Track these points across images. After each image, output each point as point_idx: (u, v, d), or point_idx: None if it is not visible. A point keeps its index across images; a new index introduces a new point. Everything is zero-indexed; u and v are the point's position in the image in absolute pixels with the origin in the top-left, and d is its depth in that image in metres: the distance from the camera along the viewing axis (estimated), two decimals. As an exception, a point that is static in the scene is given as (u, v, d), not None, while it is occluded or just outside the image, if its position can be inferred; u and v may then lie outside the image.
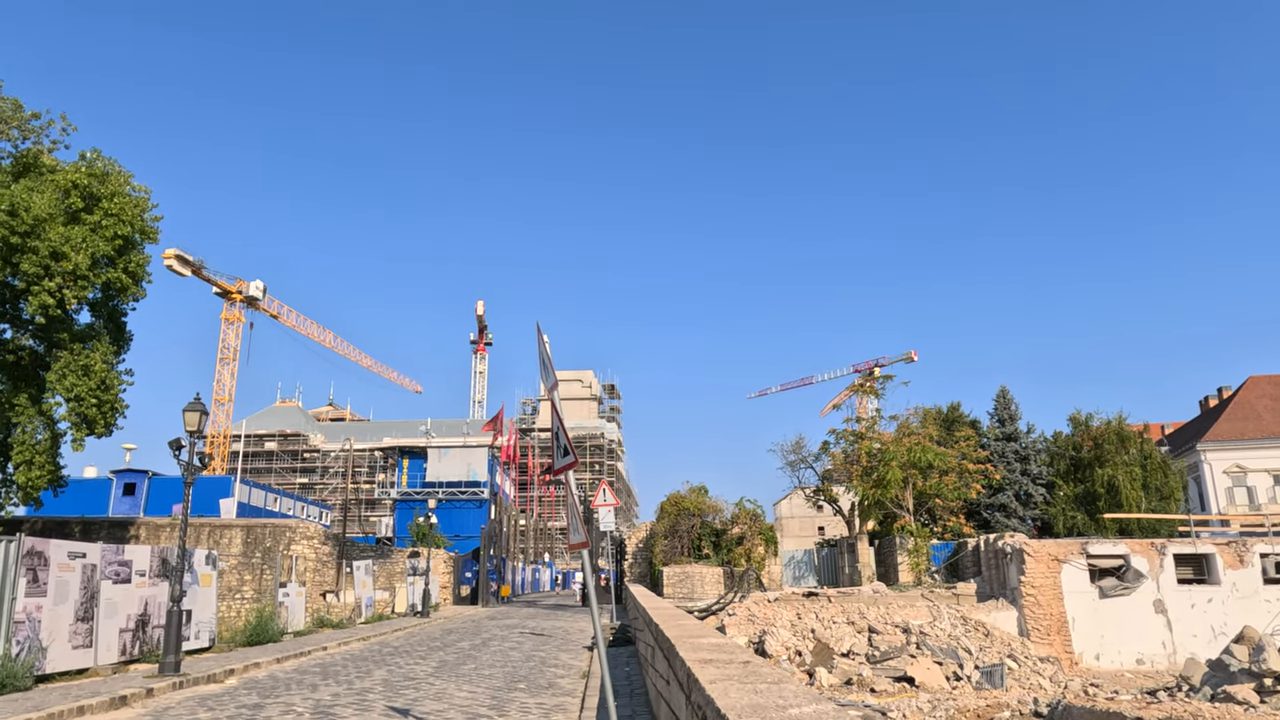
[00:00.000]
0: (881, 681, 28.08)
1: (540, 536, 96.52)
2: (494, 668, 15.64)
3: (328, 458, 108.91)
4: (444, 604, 41.44)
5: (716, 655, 5.94)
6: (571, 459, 6.69)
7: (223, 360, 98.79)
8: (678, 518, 39.48)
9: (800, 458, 54.35)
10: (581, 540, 6.66)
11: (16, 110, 29.00)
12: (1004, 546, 38.27)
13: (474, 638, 22.75)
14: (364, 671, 15.28)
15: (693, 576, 36.69)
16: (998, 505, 57.89)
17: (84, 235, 26.17)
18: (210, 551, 18.82)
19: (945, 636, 34.74)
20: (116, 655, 14.85)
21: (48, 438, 27.39)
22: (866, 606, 38.02)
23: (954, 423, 59.16)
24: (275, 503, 63.68)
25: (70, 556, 13.76)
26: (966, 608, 37.96)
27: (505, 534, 58.30)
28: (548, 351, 7.01)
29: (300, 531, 33.90)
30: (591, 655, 17.67)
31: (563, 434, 6.78)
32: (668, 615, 11.43)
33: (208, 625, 18.18)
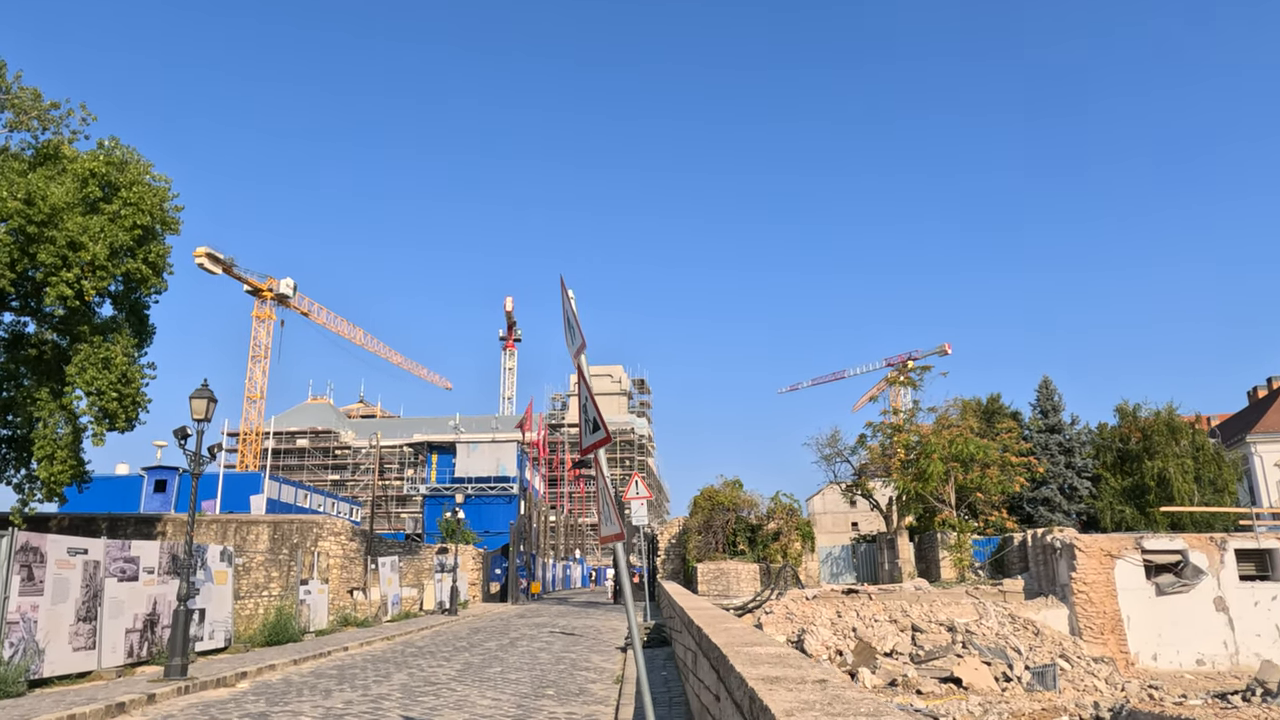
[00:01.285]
0: (927, 683, 26.72)
1: (571, 533, 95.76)
2: (521, 671, 14.63)
3: (359, 454, 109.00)
4: (473, 601, 40.64)
5: (782, 671, 4.81)
6: (603, 434, 5.61)
7: (254, 358, 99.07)
8: (712, 512, 38.32)
9: (836, 451, 52.89)
10: (615, 532, 5.58)
11: (36, 100, 28.48)
12: (1053, 541, 36.69)
13: (501, 637, 21.80)
14: (383, 675, 14.34)
15: (728, 573, 35.53)
16: (1041, 499, 56.05)
17: (102, 225, 25.52)
18: (225, 547, 18.01)
19: (993, 635, 33.33)
20: (123, 657, 14.03)
21: (69, 432, 26.87)
22: (909, 604, 36.64)
23: (994, 414, 57.41)
24: (306, 499, 63.40)
25: (70, 553, 12.94)
26: (1014, 605, 36.44)
27: (535, 530, 57.49)
28: (574, 309, 5.93)
29: (327, 527, 33.20)
30: (625, 657, 16.62)
31: (591, 405, 5.70)
32: (710, 617, 10.33)
33: (223, 625, 17.36)
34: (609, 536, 5.74)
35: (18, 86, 28.48)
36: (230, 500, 53.44)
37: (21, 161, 26.32)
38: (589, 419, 5.78)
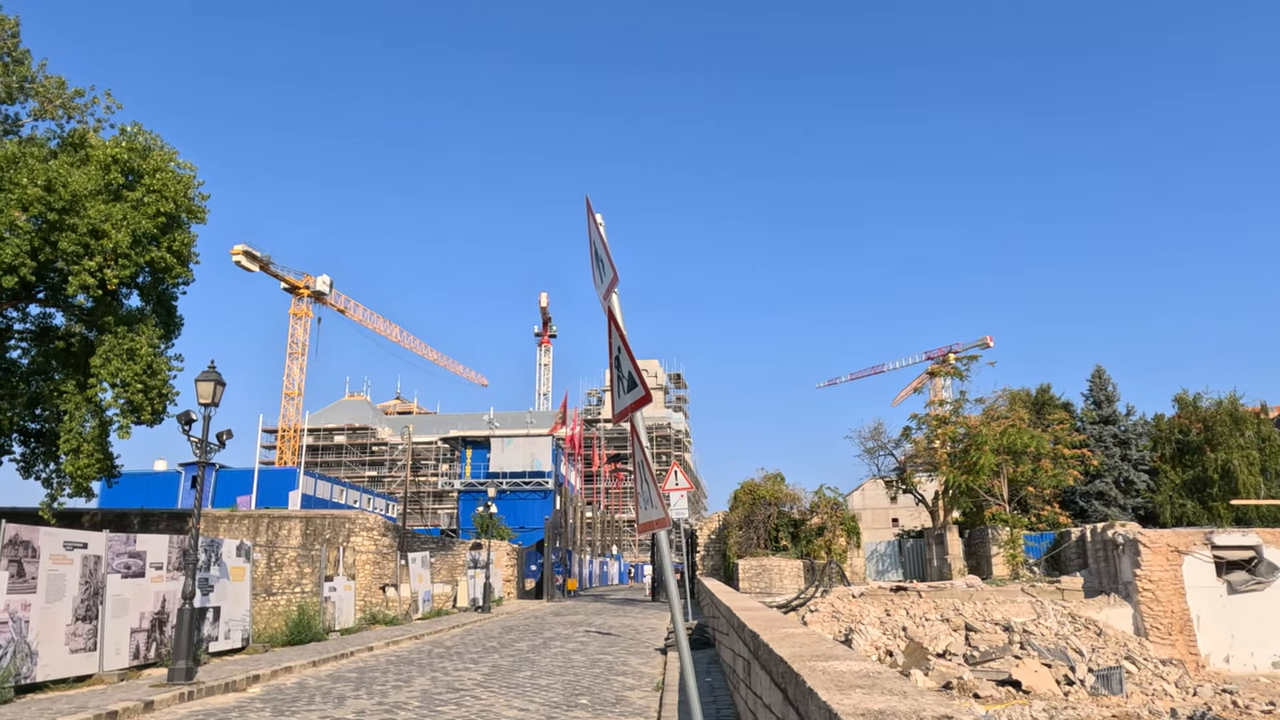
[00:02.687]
0: (985, 686, 25.11)
1: (608, 529, 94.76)
2: (553, 676, 13.47)
3: (395, 451, 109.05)
4: (508, 598, 39.69)
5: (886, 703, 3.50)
6: (641, 392, 4.38)
7: (292, 355, 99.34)
8: (753, 507, 36.93)
9: (880, 444, 51.25)
10: (657, 518, 4.36)
11: (60, 88, 27.95)
12: (1115, 537, 34.80)
13: (534, 637, 20.69)
14: (404, 679, 13.26)
15: (770, 570, 34.15)
16: (1095, 493, 53.84)
17: (125, 212, 24.81)
18: (243, 542, 17.08)
19: (1052, 635, 31.60)
20: (127, 659, 13.11)
21: (95, 426, 26.28)
22: (961, 602, 34.97)
23: (1044, 406, 55.25)
24: (342, 495, 63.10)
25: (67, 547, 12.01)
26: (1074, 604, 34.61)
27: (571, 525, 56.48)
28: (602, 236, 4.71)
29: (359, 523, 32.46)
30: (665, 660, 15.40)
31: (627, 357, 4.48)
32: (764, 619, 9.07)
33: (240, 623, 16.43)
34: (650, 524, 4.52)
35: (43, 75, 27.97)
36: (267, 496, 53.22)
37: (43, 148, 25.74)
38: (623, 375, 4.56)
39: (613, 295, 4.77)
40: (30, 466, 29.48)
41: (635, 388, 4.48)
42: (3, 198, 22.91)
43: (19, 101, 27.98)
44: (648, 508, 4.52)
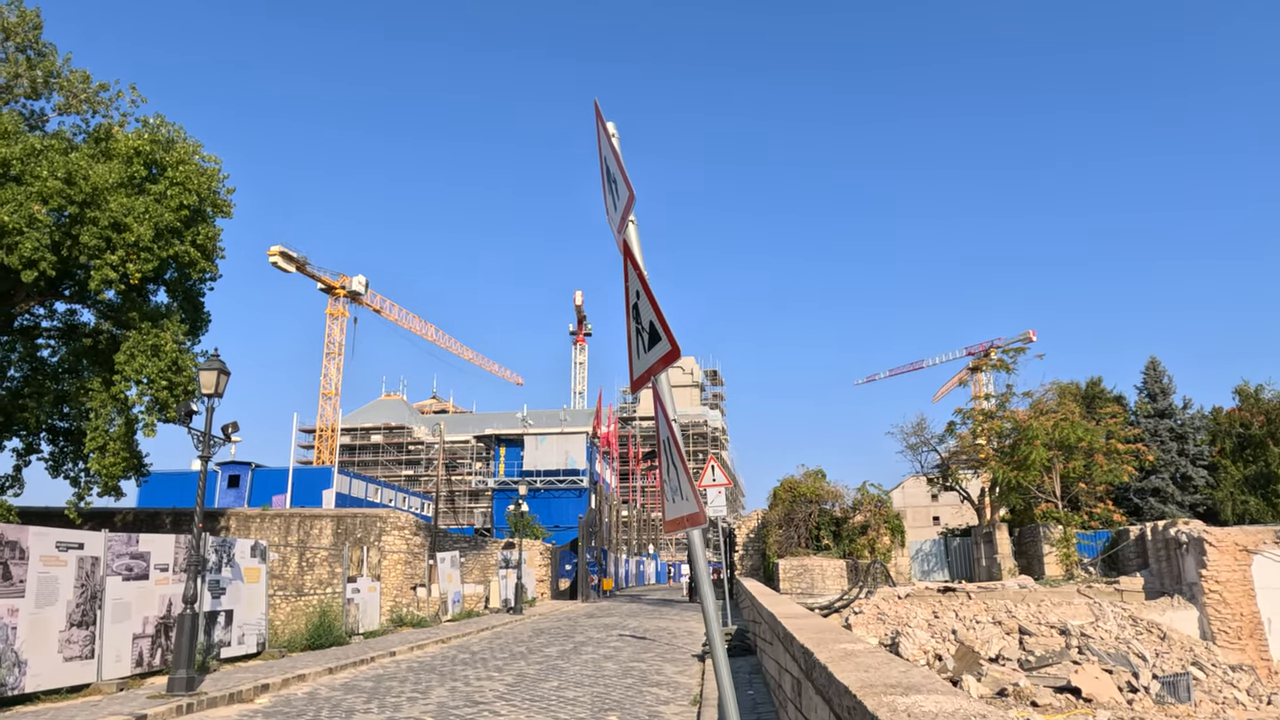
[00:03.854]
0: (1042, 693, 23.58)
1: (644, 527, 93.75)
2: (581, 687, 12.44)
3: (431, 450, 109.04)
4: (542, 598, 38.82)
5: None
6: (667, 348, 3.32)
7: (328, 355, 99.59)
8: (793, 505, 35.63)
9: (923, 440, 49.66)
10: (689, 513, 3.28)
11: (85, 82, 27.56)
12: (1178, 535, 33.00)
13: (565, 641, 19.69)
14: (422, 689, 12.32)
15: (811, 570, 32.86)
16: (1150, 489, 51.70)
17: (147, 205, 24.26)
18: (258, 541, 16.29)
19: (1112, 639, 29.97)
20: (130, 667, 12.31)
21: (122, 423, 25.82)
22: (1013, 604, 33.40)
23: (1095, 399, 53.24)
24: (376, 494, 62.79)
25: (61, 548, 11.22)
26: (1134, 606, 32.88)
27: (606, 524, 55.50)
28: (615, 148, 3.66)
29: (391, 521, 31.79)
30: (703, 668, 14.31)
31: (647, 301, 3.42)
32: (815, 629, 7.94)
33: (255, 627, 15.63)
34: (679, 520, 3.45)
35: (68, 70, 27.59)
36: (301, 495, 53.00)
37: (63, 141, 25.31)
38: (643, 325, 3.50)
39: (629, 224, 3.70)
40: (59, 465, 29.20)
41: (659, 341, 3.41)
42: (22, 190, 22.43)
43: (44, 96, 27.63)
44: (676, 500, 3.45)
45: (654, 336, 3.45)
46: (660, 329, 3.39)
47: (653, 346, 3.48)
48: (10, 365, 28.61)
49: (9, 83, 26.86)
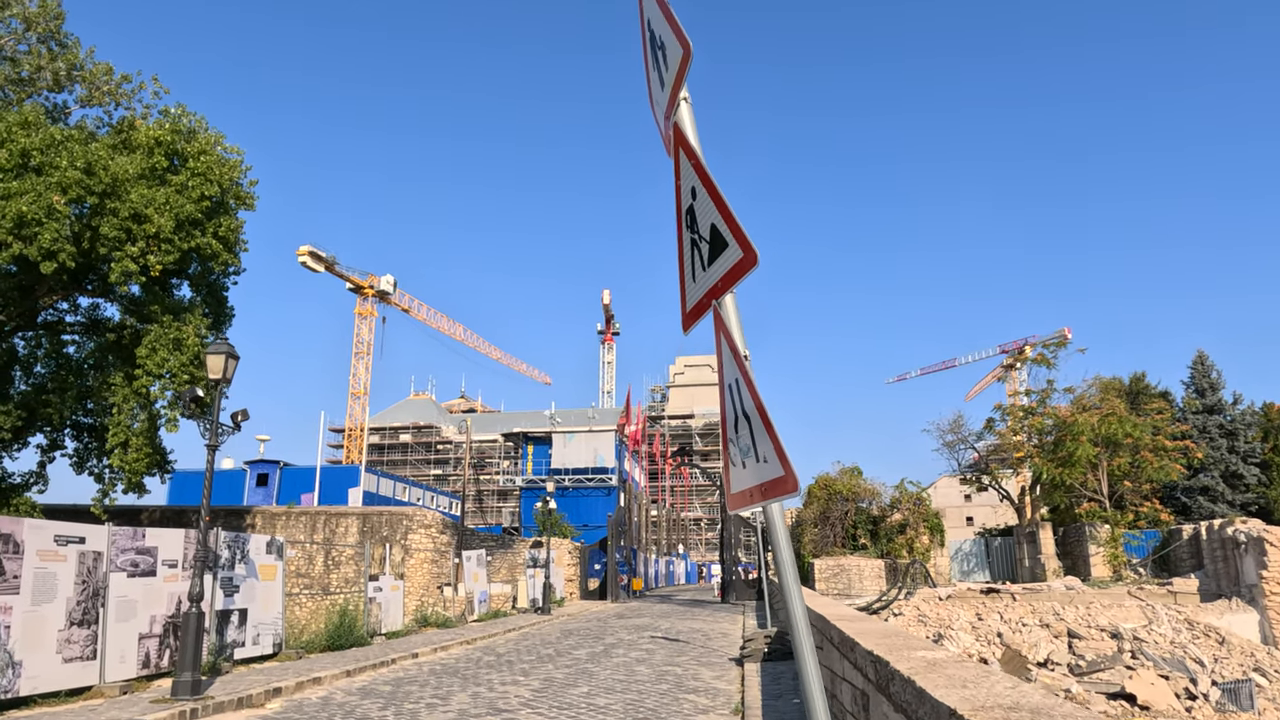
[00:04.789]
0: (1095, 699, 22.35)
1: (674, 527, 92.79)
2: (612, 694, 11.56)
3: (459, 449, 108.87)
4: (570, 598, 38.03)
5: None
6: (738, 254, 2.47)
7: (357, 354, 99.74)
8: (829, 503, 34.57)
9: (960, 437, 48.39)
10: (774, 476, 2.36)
11: (108, 75, 27.19)
12: (1235, 535, 31.53)
13: (595, 643, 18.84)
14: (442, 694, 11.52)
15: (848, 570, 31.79)
16: (1199, 488, 49.91)
17: (168, 196, 23.77)
18: (274, 537, 15.61)
19: (1167, 644, 28.64)
20: (135, 668, 11.63)
21: (145, 419, 25.39)
22: (1061, 606, 32.11)
23: (1139, 395, 51.51)
24: (404, 492, 62.44)
25: (60, 542, 10.55)
26: (1190, 609, 31.44)
27: (636, 523, 54.62)
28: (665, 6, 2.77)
29: (417, 520, 31.19)
30: (741, 673, 13.39)
31: (708, 199, 2.54)
32: (879, 635, 6.95)
33: (271, 627, 14.93)
34: (752, 491, 2.55)
35: (91, 62, 27.24)
36: (329, 494, 52.74)
37: (84, 132, 24.92)
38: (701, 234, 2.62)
39: (681, 102, 2.82)
40: (83, 462, 28.88)
41: (724, 249, 2.53)
42: (41, 181, 22.01)
43: (66, 89, 27.29)
44: (747, 463, 2.54)
45: (717, 243, 2.58)
46: (727, 231, 2.52)
47: (716, 257, 2.60)
48: (36, 362, 28.36)
49: (32, 75, 26.54)
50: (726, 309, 2.65)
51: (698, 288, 2.78)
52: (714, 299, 2.67)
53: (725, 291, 2.61)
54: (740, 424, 2.58)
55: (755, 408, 2.45)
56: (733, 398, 2.63)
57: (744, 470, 2.61)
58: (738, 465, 2.66)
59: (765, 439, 2.41)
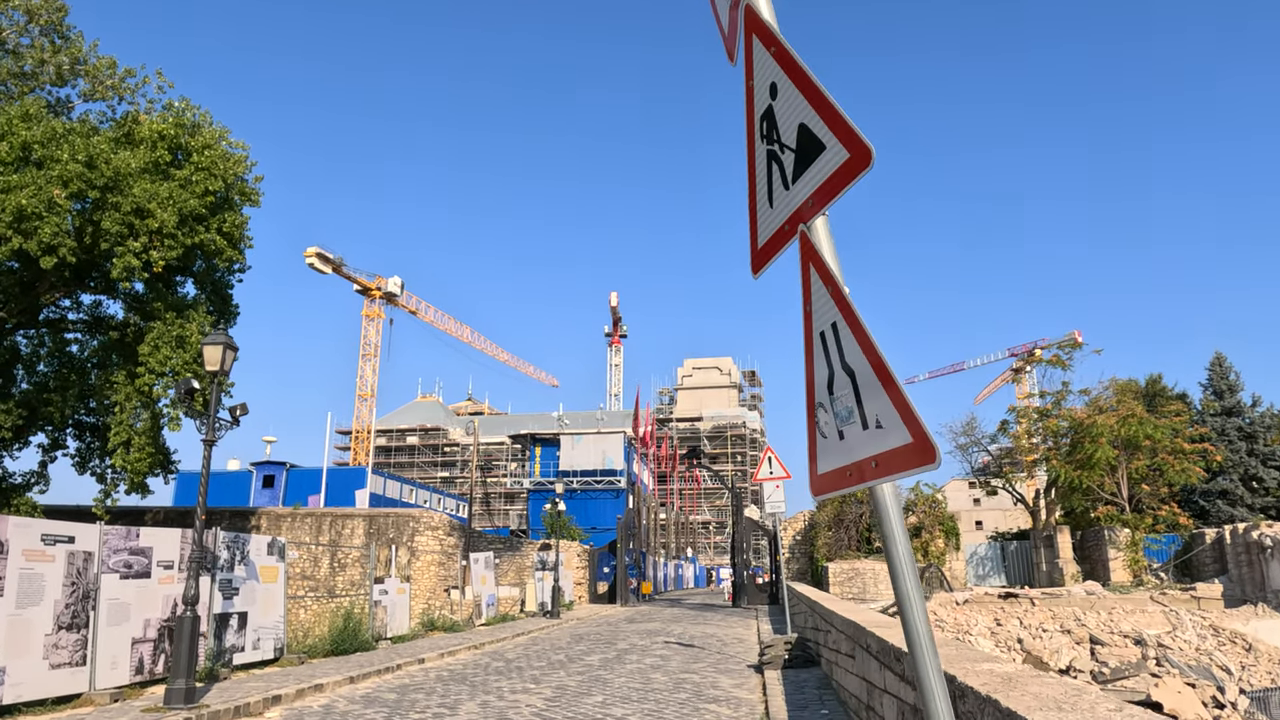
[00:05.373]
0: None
1: (682, 530, 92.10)
2: (629, 703, 10.98)
3: (466, 451, 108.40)
4: (579, 602, 37.43)
5: None
6: (843, 154, 1.88)
7: (364, 356, 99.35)
8: (843, 505, 33.89)
9: (973, 439, 47.72)
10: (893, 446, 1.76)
11: (111, 69, 26.79)
12: (1261, 539, 30.80)
13: (607, 649, 18.25)
14: (450, 704, 10.94)
15: (863, 573, 31.10)
16: (1218, 491, 49.06)
17: (171, 191, 23.31)
18: (275, 538, 15.06)
19: (1191, 650, 27.93)
20: (128, 675, 11.08)
21: (148, 418, 24.92)
22: (1082, 611, 31.39)
23: (1156, 397, 50.70)
24: (411, 494, 61.95)
25: (47, 541, 10.01)
26: (1214, 615, 30.67)
27: (644, 526, 54.04)
28: None
29: (424, 521, 30.69)
30: (762, 681, 12.78)
31: (794, 95, 1.97)
32: (940, 648, 6.42)
33: (272, 631, 14.38)
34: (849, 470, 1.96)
35: (94, 56, 26.84)
36: (336, 495, 52.28)
37: (86, 125, 24.49)
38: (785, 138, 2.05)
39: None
40: (85, 462, 28.46)
41: (820, 152, 1.96)
42: (42, 175, 21.56)
43: (69, 83, 26.87)
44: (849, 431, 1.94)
45: (808, 148, 2.01)
46: (825, 128, 1.95)
47: (807, 166, 2.03)
48: (39, 360, 27.94)
49: (34, 69, 26.12)
50: (818, 234, 2.07)
51: (776, 213, 2.21)
52: (801, 222, 2.09)
53: (818, 211, 2.04)
54: (838, 382, 2.00)
55: (865, 358, 1.87)
56: (825, 350, 2.05)
57: (840, 443, 2.03)
58: (830, 437, 2.08)
59: (880, 398, 1.83)
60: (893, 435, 1.79)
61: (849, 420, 1.97)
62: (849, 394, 1.95)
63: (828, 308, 2.02)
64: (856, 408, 1.93)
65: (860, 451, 1.93)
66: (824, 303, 2.04)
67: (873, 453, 1.87)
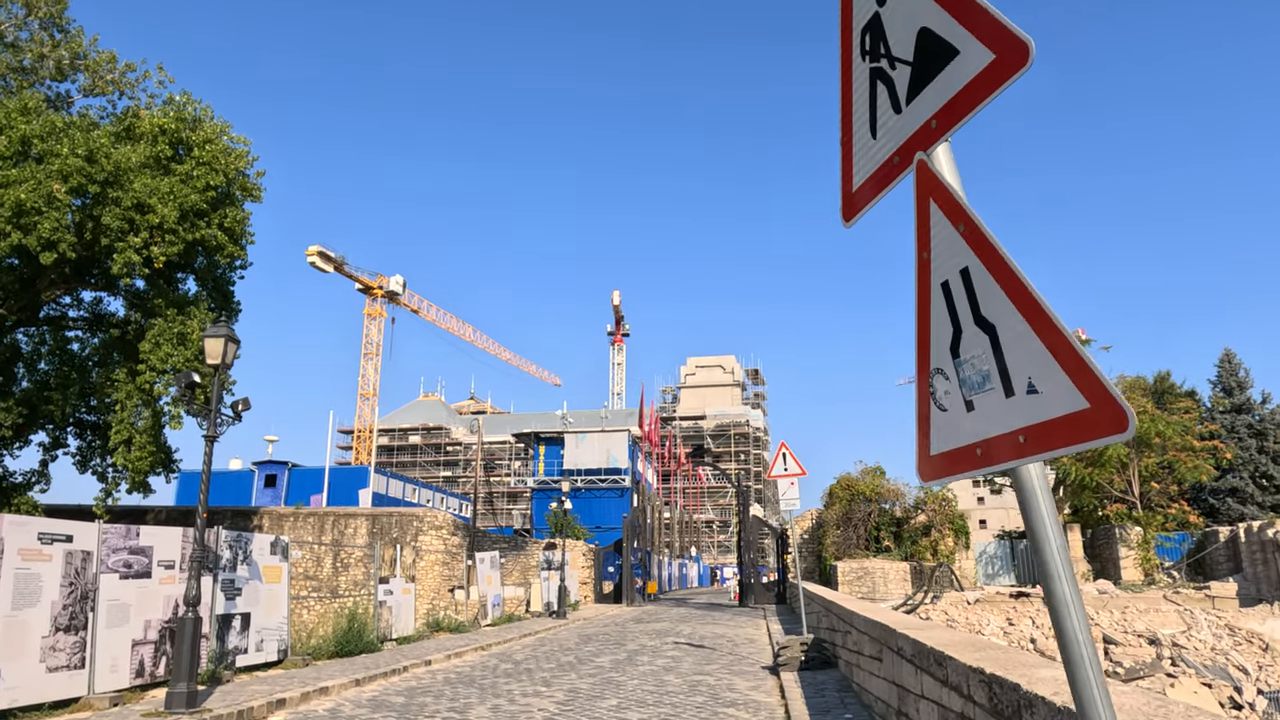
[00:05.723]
0: (1137, 709, 21.14)
1: (686, 529, 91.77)
2: (645, 707, 10.63)
3: (469, 450, 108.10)
4: (584, 602, 37.10)
5: None
6: (987, 55, 1.53)
7: (366, 355, 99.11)
8: (851, 504, 33.52)
9: (981, 437, 47.35)
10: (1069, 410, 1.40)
11: (112, 63, 26.49)
12: (1277, 537, 30.42)
13: (616, 649, 17.91)
14: (460, 707, 10.60)
15: (873, 573, 30.74)
16: (1227, 489, 48.65)
17: (172, 186, 23.01)
18: (279, 537, 14.72)
19: (1207, 650, 27.51)
20: (128, 678, 10.75)
21: (149, 416, 24.63)
22: (1095, 610, 31.01)
23: (1165, 394, 50.28)
24: (414, 494, 61.64)
25: (44, 540, 9.68)
26: (1230, 614, 30.28)
27: (650, 525, 53.70)
28: None
29: (428, 521, 30.37)
30: (780, 684, 12.44)
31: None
32: (973, 648, 5.96)
33: (275, 633, 14.04)
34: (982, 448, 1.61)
35: (94, 51, 26.53)
36: (338, 495, 51.98)
37: (85, 119, 24.18)
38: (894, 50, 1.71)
39: None
40: (86, 460, 28.18)
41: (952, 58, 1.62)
42: (41, 169, 21.24)
43: (69, 78, 26.56)
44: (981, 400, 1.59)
45: (933, 56, 1.66)
46: (959, 26, 1.60)
47: (931, 78, 1.69)
48: (40, 358, 27.67)
49: (34, 63, 25.80)
50: (940, 163, 1.73)
51: (880, 145, 1.86)
52: (919, 151, 1.75)
53: (943, 135, 1.70)
54: (968, 341, 1.65)
55: (1014, 305, 1.52)
56: (949, 303, 1.70)
57: (967, 416, 1.67)
58: (951, 409, 1.73)
59: (1036, 354, 1.48)
60: (1055, 400, 1.44)
61: (982, 387, 1.62)
62: (984, 354, 1.61)
63: (955, 250, 1.67)
64: (996, 369, 1.58)
65: (999, 424, 1.58)
66: (950, 245, 1.69)
67: (1020, 424, 1.52)
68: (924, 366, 1.80)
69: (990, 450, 1.62)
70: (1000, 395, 1.58)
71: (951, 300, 1.70)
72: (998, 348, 1.57)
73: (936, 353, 1.76)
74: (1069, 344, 1.42)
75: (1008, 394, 1.56)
